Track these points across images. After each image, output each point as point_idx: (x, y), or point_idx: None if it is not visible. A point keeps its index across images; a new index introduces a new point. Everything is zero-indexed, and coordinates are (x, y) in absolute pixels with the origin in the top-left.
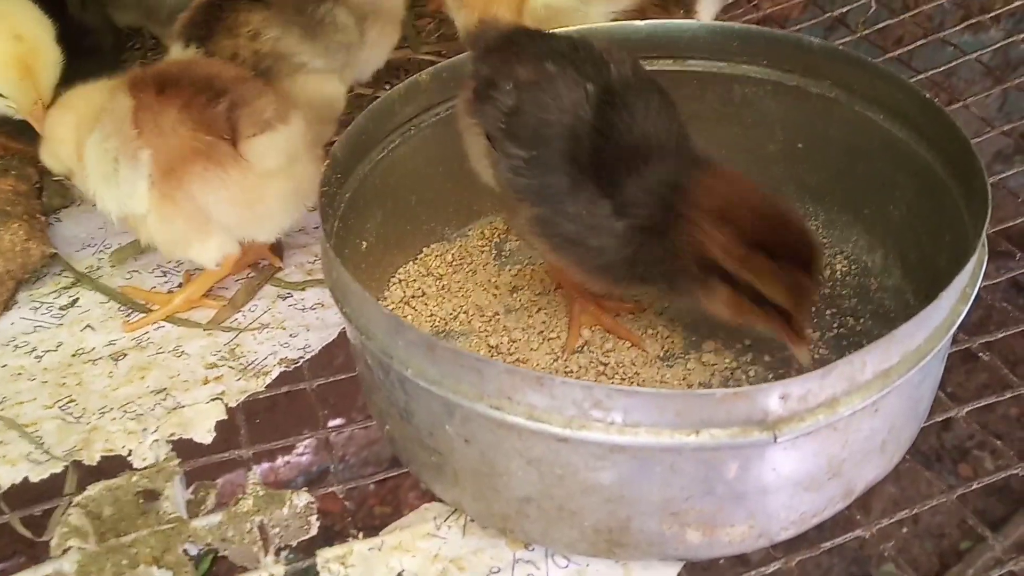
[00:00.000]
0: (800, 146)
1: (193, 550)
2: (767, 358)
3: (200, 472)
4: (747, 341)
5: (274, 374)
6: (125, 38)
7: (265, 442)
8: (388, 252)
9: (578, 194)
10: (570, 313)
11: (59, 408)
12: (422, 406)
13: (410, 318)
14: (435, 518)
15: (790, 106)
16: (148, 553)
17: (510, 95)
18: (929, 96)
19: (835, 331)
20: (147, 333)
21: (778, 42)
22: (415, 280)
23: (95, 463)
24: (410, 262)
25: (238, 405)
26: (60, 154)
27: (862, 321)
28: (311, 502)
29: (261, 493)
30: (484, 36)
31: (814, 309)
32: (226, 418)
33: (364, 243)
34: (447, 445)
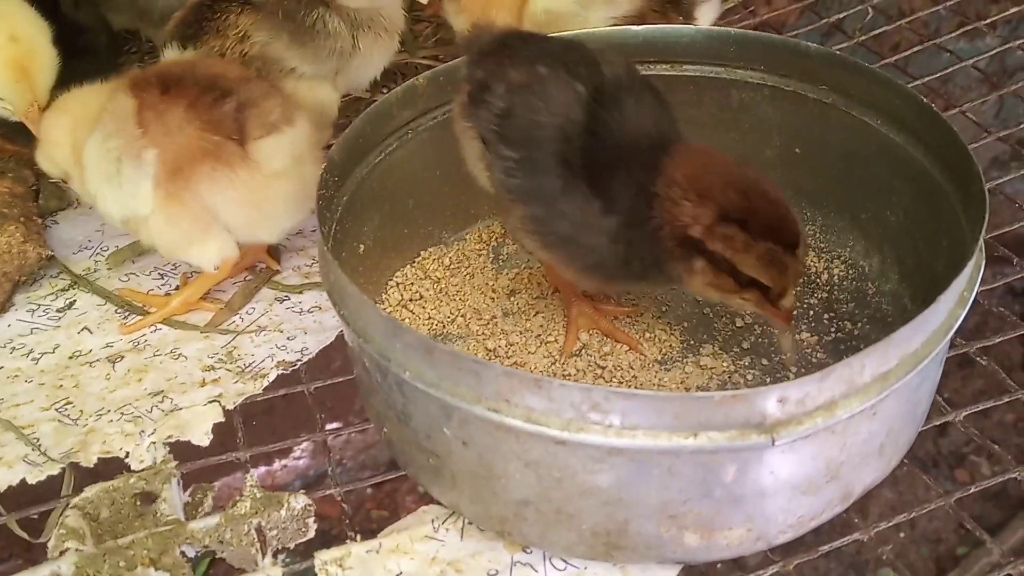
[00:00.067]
0: (797, 151)
1: (191, 552)
2: (765, 362)
3: (197, 474)
4: (745, 345)
5: (271, 377)
6: (120, 38)
7: (262, 445)
8: (385, 255)
9: (570, 193)
10: (568, 317)
11: (56, 410)
12: (420, 409)
13: (408, 321)
14: (433, 520)
15: (787, 111)
16: (145, 555)
17: (502, 97)
18: (926, 101)
19: (832, 335)
20: (144, 335)
21: (775, 47)
22: (412, 283)
23: (92, 465)
24: (407, 265)
25: (235, 408)
26: (56, 157)
27: (859, 325)
28: (309, 504)
29: (259, 495)
30: (478, 40)
31: (799, 288)
32: (223, 420)
33: (361, 246)
34: (445, 448)
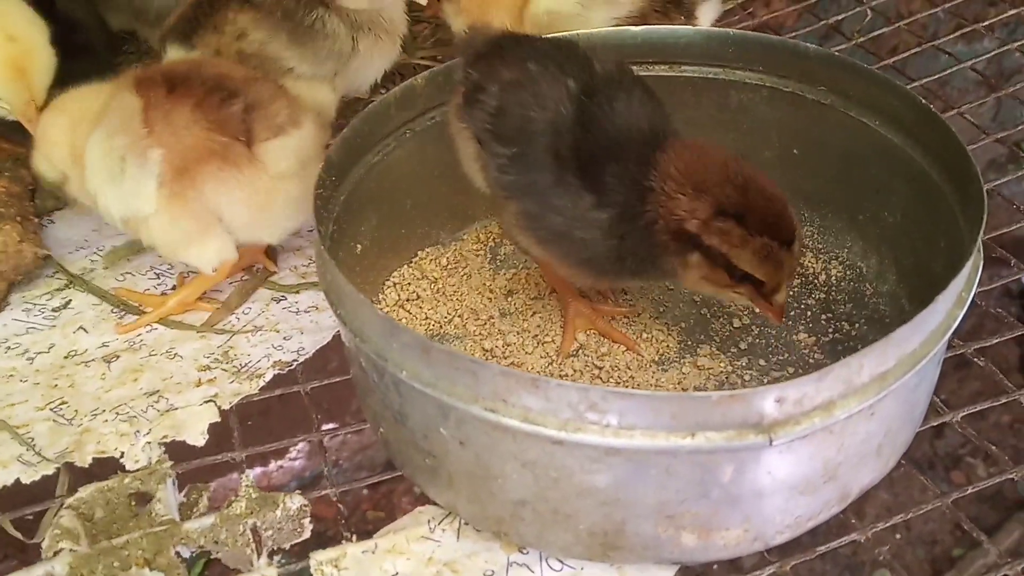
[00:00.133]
0: (796, 152)
1: (185, 552)
2: (762, 362)
3: (193, 474)
4: (742, 345)
5: (267, 377)
6: (116, 37)
7: (258, 445)
8: (383, 255)
9: (562, 188)
10: (565, 317)
11: (51, 410)
12: (416, 409)
13: (405, 321)
14: (429, 521)
15: (786, 112)
16: (140, 555)
17: (495, 96)
18: (925, 102)
19: (830, 336)
20: (140, 335)
21: (774, 48)
22: (410, 283)
23: (87, 465)
24: (405, 265)
25: (231, 408)
26: (54, 157)
27: (857, 326)
28: (304, 505)
29: (254, 495)
30: (474, 42)
31: (795, 285)
32: (219, 421)
33: (359, 246)
34: (441, 448)
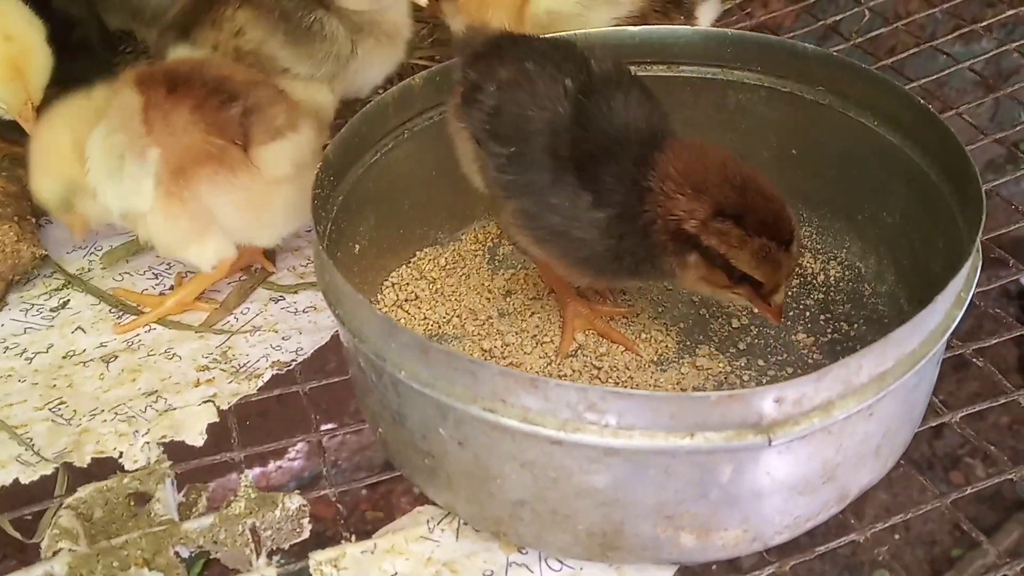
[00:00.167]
0: (794, 152)
1: (184, 552)
2: (761, 362)
3: (192, 474)
4: (741, 346)
5: (266, 377)
6: (114, 35)
7: (257, 445)
8: (381, 256)
9: (559, 187)
10: (563, 317)
11: (50, 410)
12: (415, 409)
13: (403, 321)
14: (428, 521)
15: (784, 112)
16: (139, 555)
17: (492, 96)
18: (923, 102)
19: (829, 336)
20: (138, 335)
21: (772, 48)
22: (408, 284)
23: (86, 465)
24: (403, 266)
25: (230, 408)
26: (58, 165)
27: (856, 327)
28: (303, 505)
29: (253, 496)
30: (471, 42)
31: (793, 285)
32: (218, 421)
33: (357, 246)
34: (440, 448)
